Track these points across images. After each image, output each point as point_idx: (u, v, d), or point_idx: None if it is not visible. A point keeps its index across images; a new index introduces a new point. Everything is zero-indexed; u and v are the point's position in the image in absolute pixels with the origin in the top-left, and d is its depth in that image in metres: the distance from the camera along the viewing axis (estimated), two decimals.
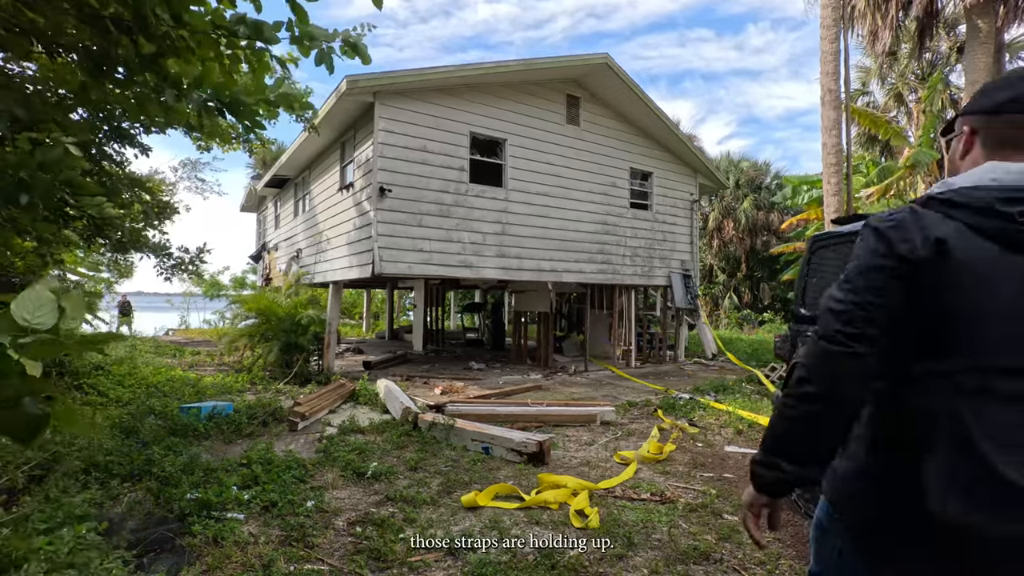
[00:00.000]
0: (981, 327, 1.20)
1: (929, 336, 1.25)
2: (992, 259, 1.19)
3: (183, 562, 3.36)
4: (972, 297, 1.20)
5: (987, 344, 1.20)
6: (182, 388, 8.52)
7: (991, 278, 1.19)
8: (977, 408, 1.19)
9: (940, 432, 1.22)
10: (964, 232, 1.21)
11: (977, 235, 1.21)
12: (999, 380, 1.19)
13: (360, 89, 9.74)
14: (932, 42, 20.00)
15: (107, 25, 2.51)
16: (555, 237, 12.45)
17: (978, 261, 1.20)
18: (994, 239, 1.20)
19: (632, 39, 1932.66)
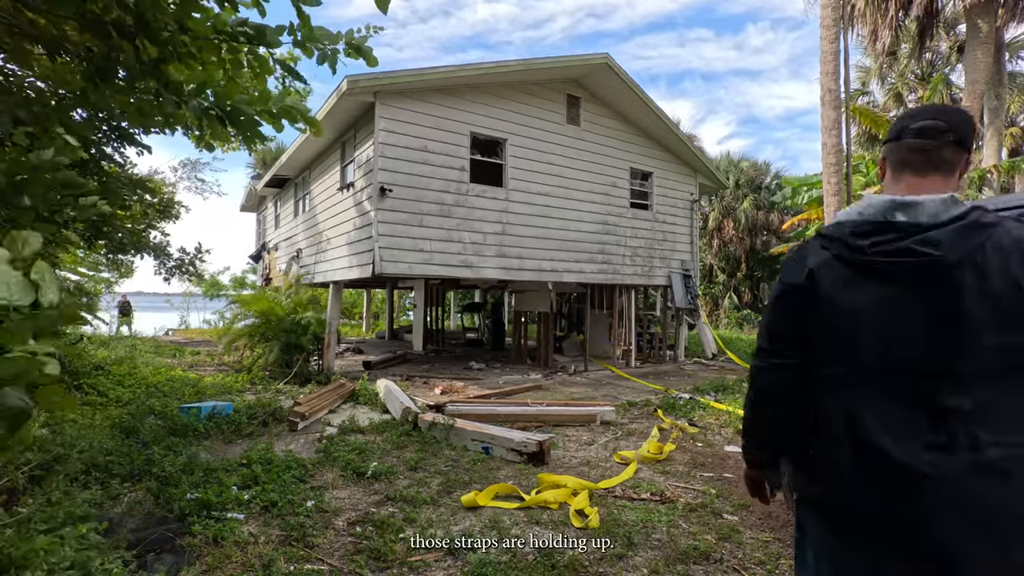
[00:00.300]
0: (847, 341, 1.47)
1: (817, 348, 1.54)
2: (850, 284, 1.46)
3: (183, 562, 3.36)
4: (838, 317, 1.48)
5: (853, 354, 1.46)
6: (182, 388, 8.52)
7: (850, 301, 1.45)
8: (855, 402, 1.46)
9: (836, 424, 1.49)
10: (830, 262, 1.50)
11: (840, 264, 1.48)
12: (866, 380, 1.45)
13: (361, 89, 9.74)
14: (932, 42, 19.99)
15: (109, 30, 2.50)
16: (555, 237, 12.45)
17: (839, 286, 1.47)
18: (851, 267, 1.46)
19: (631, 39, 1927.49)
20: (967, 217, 1.37)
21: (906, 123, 1.53)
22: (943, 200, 1.40)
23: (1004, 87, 18.09)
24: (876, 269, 1.42)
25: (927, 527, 1.33)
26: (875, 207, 1.45)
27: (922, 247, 1.37)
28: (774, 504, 4.44)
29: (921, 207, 1.40)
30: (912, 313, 1.38)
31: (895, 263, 1.40)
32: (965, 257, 1.34)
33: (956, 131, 1.47)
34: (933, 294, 1.36)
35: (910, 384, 1.39)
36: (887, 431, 1.39)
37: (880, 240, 1.42)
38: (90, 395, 7.34)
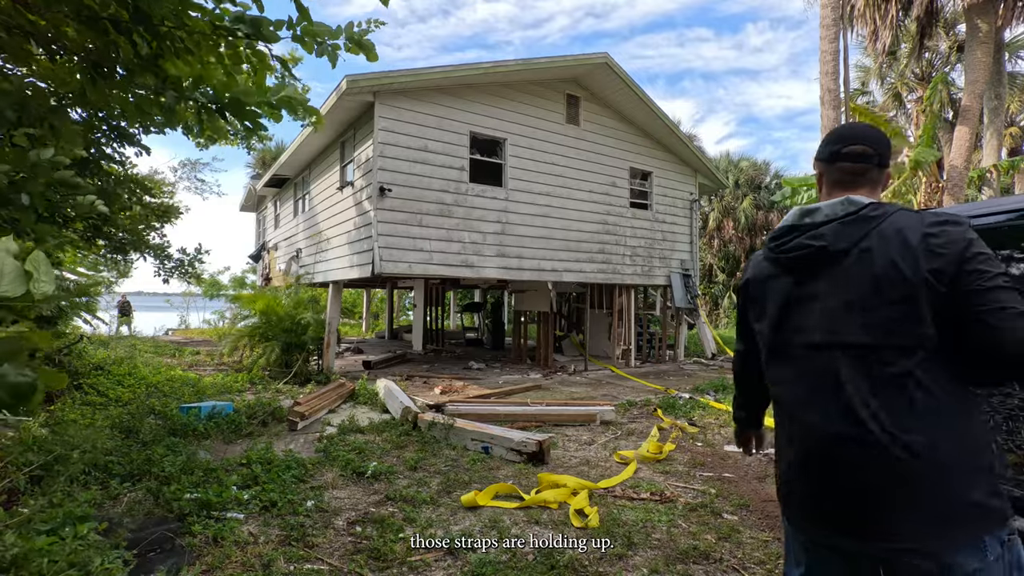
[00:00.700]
0: (766, 322, 1.74)
1: (754, 330, 1.84)
2: (767, 280, 1.74)
3: (183, 562, 3.36)
4: (759, 307, 1.78)
5: (768, 332, 1.73)
6: (182, 388, 8.52)
7: (765, 293, 1.74)
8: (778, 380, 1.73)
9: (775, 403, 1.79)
10: (759, 263, 1.80)
11: (765, 263, 1.77)
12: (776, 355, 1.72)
13: (360, 89, 9.74)
14: (931, 41, 20.00)
15: (106, 26, 2.49)
16: (555, 237, 12.45)
17: (760, 283, 1.77)
18: (770, 264, 1.74)
19: (631, 38, 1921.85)
20: (858, 213, 1.54)
21: (838, 147, 1.70)
22: (840, 202, 1.59)
23: (1004, 87, 18.07)
24: (781, 263, 1.69)
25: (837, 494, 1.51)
26: (789, 216, 1.71)
27: (810, 240, 1.59)
28: (774, 504, 4.45)
29: (820, 210, 1.62)
30: (809, 298, 1.60)
31: (791, 256, 1.64)
32: (851, 246, 1.52)
33: (881, 155, 1.67)
34: (824, 280, 1.56)
35: (814, 361, 1.57)
36: (804, 407, 1.60)
37: (785, 240, 1.67)
38: (90, 395, 7.34)
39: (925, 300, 1.40)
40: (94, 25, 2.47)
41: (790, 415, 1.66)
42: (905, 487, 1.39)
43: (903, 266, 1.42)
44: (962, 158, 14.07)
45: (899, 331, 1.43)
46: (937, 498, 1.36)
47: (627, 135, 14.03)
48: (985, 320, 1.34)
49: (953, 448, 1.38)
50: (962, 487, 1.36)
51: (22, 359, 1.22)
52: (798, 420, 1.61)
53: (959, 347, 1.40)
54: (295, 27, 2.69)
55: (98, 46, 2.59)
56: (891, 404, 1.42)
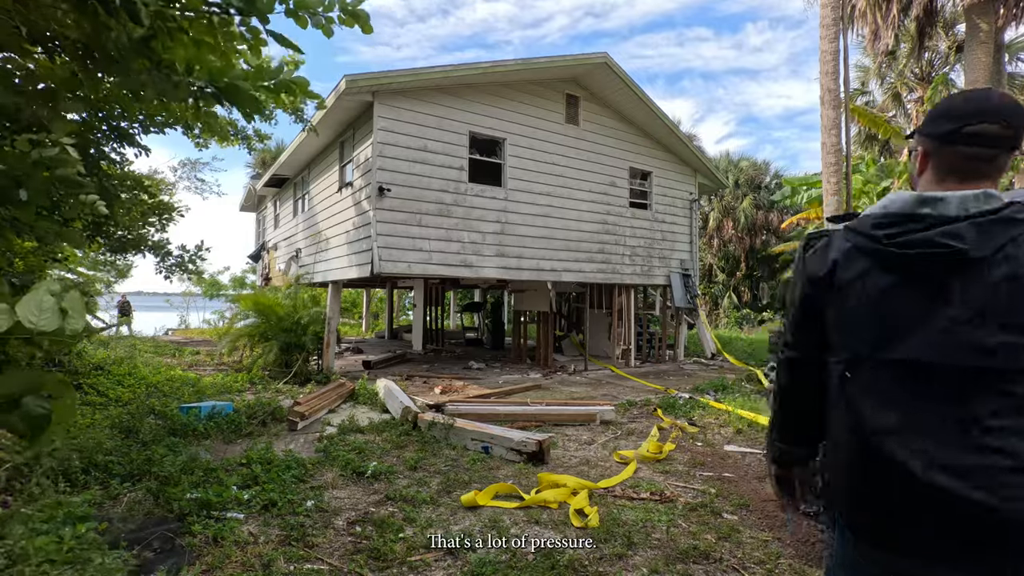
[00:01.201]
0: (858, 328, 1.42)
1: (832, 335, 1.51)
2: (867, 276, 1.40)
3: (183, 562, 3.36)
4: (852, 309, 1.43)
5: (864, 341, 1.41)
6: (182, 388, 8.52)
7: (868, 289, 1.40)
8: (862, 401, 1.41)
9: (841, 424, 1.46)
10: (852, 252, 1.44)
11: (859, 254, 1.43)
12: (869, 371, 1.40)
13: (359, 88, 9.73)
14: (931, 41, 20.01)
15: (94, 7, 2.45)
16: (555, 236, 12.45)
17: (859, 276, 1.42)
18: (869, 257, 1.40)
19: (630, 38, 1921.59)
20: (1001, 212, 1.27)
21: (959, 124, 1.37)
22: (975, 195, 1.30)
23: (1004, 87, 18.08)
24: (893, 260, 1.35)
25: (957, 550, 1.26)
26: (900, 202, 1.38)
27: (944, 239, 1.28)
28: (775, 504, 4.45)
29: (947, 201, 1.32)
30: (929, 306, 1.30)
31: (912, 254, 1.32)
32: (993, 253, 1.25)
33: (1016, 136, 1.36)
34: (950, 289, 1.28)
35: (922, 383, 1.31)
36: (901, 436, 1.32)
37: (899, 231, 1.34)
38: (90, 395, 7.34)
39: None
40: (83, 7, 2.43)
41: (875, 445, 1.35)
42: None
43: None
44: None
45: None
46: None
47: (627, 135, 14.03)
48: None
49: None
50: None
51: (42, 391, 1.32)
52: (887, 451, 1.32)
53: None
54: (287, 1, 2.63)
55: (88, 30, 2.55)
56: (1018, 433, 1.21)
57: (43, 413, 1.28)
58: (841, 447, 1.45)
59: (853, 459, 1.40)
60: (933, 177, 1.44)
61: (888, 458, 1.32)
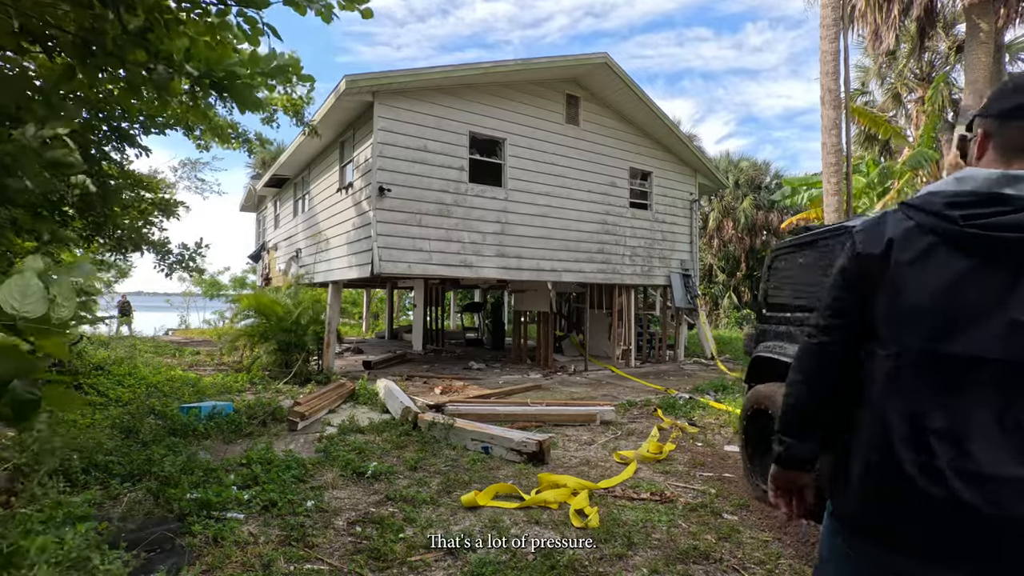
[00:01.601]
0: (915, 316, 1.28)
1: (881, 322, 1.36)
2: (934, 258, 1.26)
3: (183, 562, 3.36)
4: (913, 294, 1.29)
5: (918, 331, 1.28)
6: (182, 388, 8.52)
7: (931, 274, 1.26)
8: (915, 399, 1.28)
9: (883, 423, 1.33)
10: (913, 232, 1.30)
11: (925, 235, 1.28)
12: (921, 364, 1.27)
13: (359, 88, 9.74)
14: (931, 42, 20.00)
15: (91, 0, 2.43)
16: (555, 237, 12.45)
17: (920, 258, 1.28)
18: (939, 238, 1.26)
19: (630, 38, 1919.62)
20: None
21: (1019, 99, 1.31)
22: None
23: None
24: (969, 242, 1.22)
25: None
26: (979, 179, 1.26)
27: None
28: None
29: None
30: (1005, 295, 1.18)
31: (998, 237, 1.19)
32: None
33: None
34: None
35: (991, 380, 1.19)
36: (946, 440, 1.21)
37: (980, 212, 1.22)
38: (90, 395, 7.34)
39: None
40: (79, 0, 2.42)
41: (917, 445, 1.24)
42: None
43: None
44: None
45: None
46: None
47: (627, 135, 14.03)
48: None
49: None
50: None
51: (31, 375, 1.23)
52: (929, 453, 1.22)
53: None
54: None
55: (84, 23, 2.53)
56: None
57: (31, 399, 1.20)
58: (875, 444, 1.33)
59: (886, 459, 1.28)
60: (997, 158, 1.33)
61: (928, 462, 1.21)
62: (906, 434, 1.26)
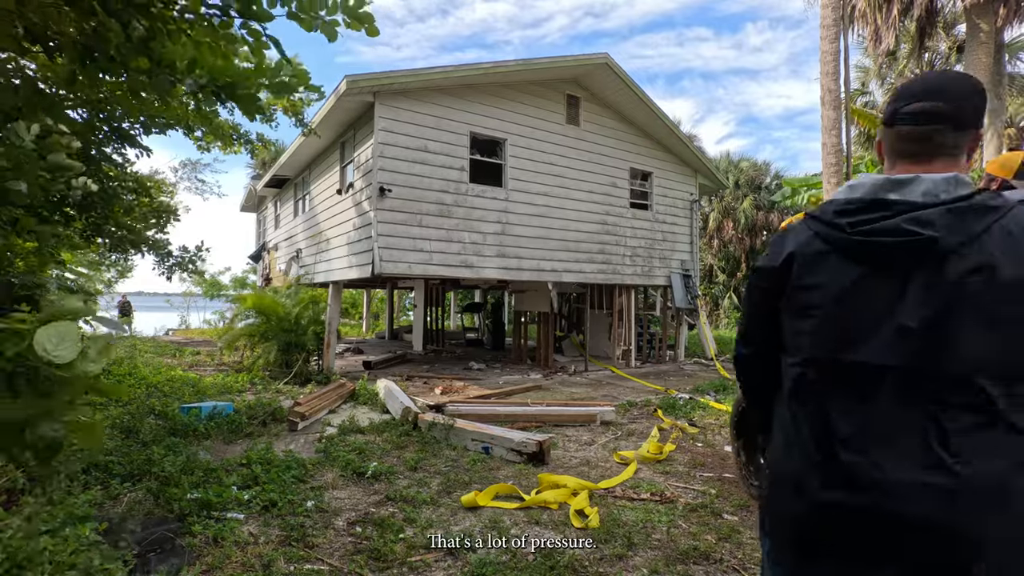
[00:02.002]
0: (816, 326, 1.31)
1: (788, 334, 1.40)
2: (824, 266, 1.30)
3: (183, 562, 3.36)
4: (808, 302, 1.32)
5: (821, 341, 1.30)
6: (182, 388, 8.52)
7: (827, 283, 1.29)
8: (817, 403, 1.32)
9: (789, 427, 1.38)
10: (812, 242, 1.34)
11: (821, 244, 1.32)
12: (826, 374, 1.30)
13: (360, 89, 9.74)
14: (931, 42, 19.99)
15: (92, 6, 2.45)
16: (555, 237, 12.45)
17: (814, 269, 1.32)
18: (830, 246, 1.30)
19: (630, 38, 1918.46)
20: (972, 198, 1.19)
21: (899, 105, 1.35)
22: (945, 179, 1.22)
23: (1004, 87, 18.07)
24: (856, 249, 1.26)
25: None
26: (866, 185, 1.29)
27: (913, 226, 1.19)
28: None
29: (917, 184, 1.24)
30: (894, 302, 1.21)
31: (876, 242, 1.22)
32: (967, 242, 1.16)
33: (957, 115, 1.30)
34: (923, 281, 1.19)
35: (888, 386, 1.21)
36: (861, 443, 1.22)
37: (864, 219, 1.25)
38: (90, 395, 7.32)
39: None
40: (81, 6, 2.43)
41: (830, 451, 1.25)
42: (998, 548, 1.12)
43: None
44: None
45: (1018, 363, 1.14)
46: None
47: (627, 135, 14.03)
48: None
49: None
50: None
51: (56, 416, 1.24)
52: (843, 458, 1.23)
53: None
54: (289, 3, 2.63)
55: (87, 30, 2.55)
56: (989, 450, 1.13)
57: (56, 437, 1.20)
58: (784, 452, 1.37)
59: (795, 467, 1.32)
60: (887, 163, 1.41)
61: (834, 469, 1.24)
62: (813, 442, 1.28)
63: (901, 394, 1.19)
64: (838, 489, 1.23)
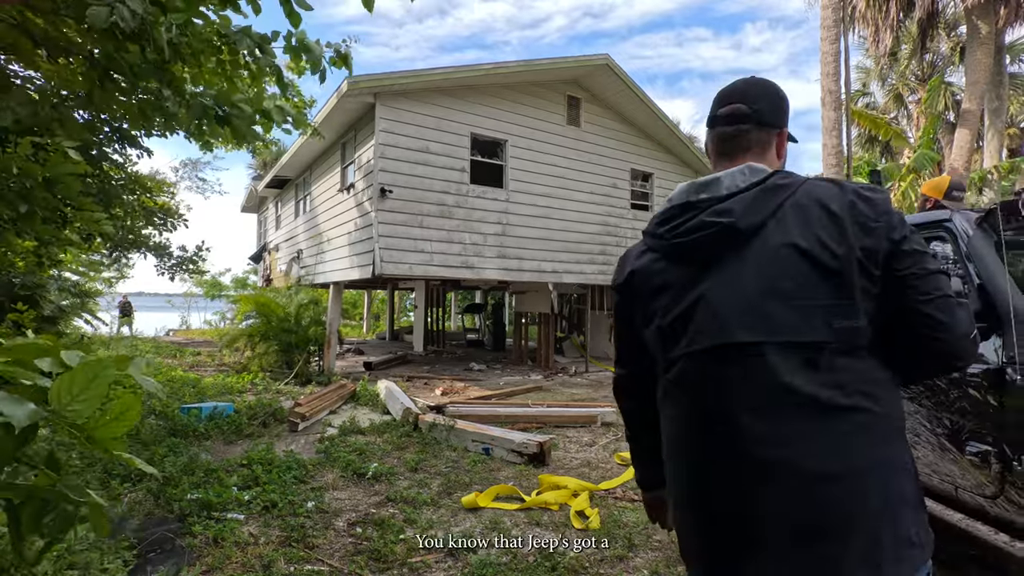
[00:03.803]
0: (662, 331, 1.34)
1: (650, 344, 1.41)
2: (657, 275, 1.35)
3: (183, 562, 3.36)
4: (651, 312, 1.36)
5: (667, 344, 1.33)
6: (183, 388, 8.52)
7: (663, 289, 1.33)
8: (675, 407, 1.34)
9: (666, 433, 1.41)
10: (646, 255, 1.41)
11: (651, 255, 1.39)
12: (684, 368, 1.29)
13: (361, 90, 9.74)
14: (932, 43, 19.99)
15: (115, 32, 2.52)
16: (556, 238, 12.45)
17: (648, 280, 1.37)
18: (659, 256, 1.37)
19: (629, 38, 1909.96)
20: (766, 181, 1.25)
21: (715, 109, 1.45)
22: (740, 170, 1.29)
23: (1004, 88, 18.07)
24: (674, 252, 1.32)
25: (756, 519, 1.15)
26: (679, 192, 1.37)
27: (715, 218, 1.25)
28: None
29: (719, 181, 1.31)
30: (713, 291, 1.24)
31: (689, 241, 1.28)
32: (766, 220, 1.22)
33: (759, 114, 1.39)
34: (730, 266, 1.23)
35: (722, 368, 1.22)
36: (707, 431, 1.24)
37: (679, 222, 1.31)
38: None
39: (857, 285, 1.15)
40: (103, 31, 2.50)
41: (687, 446, 1.30)
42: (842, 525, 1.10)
43: (830, 243, 1.16)
44: (963, 160, 14.07)
45: (829, 324, 1.15)
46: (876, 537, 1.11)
47: (628, 136, 14.03)
48: (929, 312, 1.14)
49: (890, 470, 1.15)
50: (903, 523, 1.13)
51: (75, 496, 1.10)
52: (696, 450, 1.27)
53: (887, 341, 1.19)
54: (291, 39, 2.83)
55: (107, 51, 2.63)
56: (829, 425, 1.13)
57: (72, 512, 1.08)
58: (666, 449, 1.38)
59: (679, 465, 1.33)
60: (712, 163, 1.49)
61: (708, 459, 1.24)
62: (690, 439, 1.29)
63: (739, 369, 1.21)
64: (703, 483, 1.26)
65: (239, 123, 2.99)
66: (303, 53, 2.86)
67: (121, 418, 1.07)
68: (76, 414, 1.01)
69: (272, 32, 2.87)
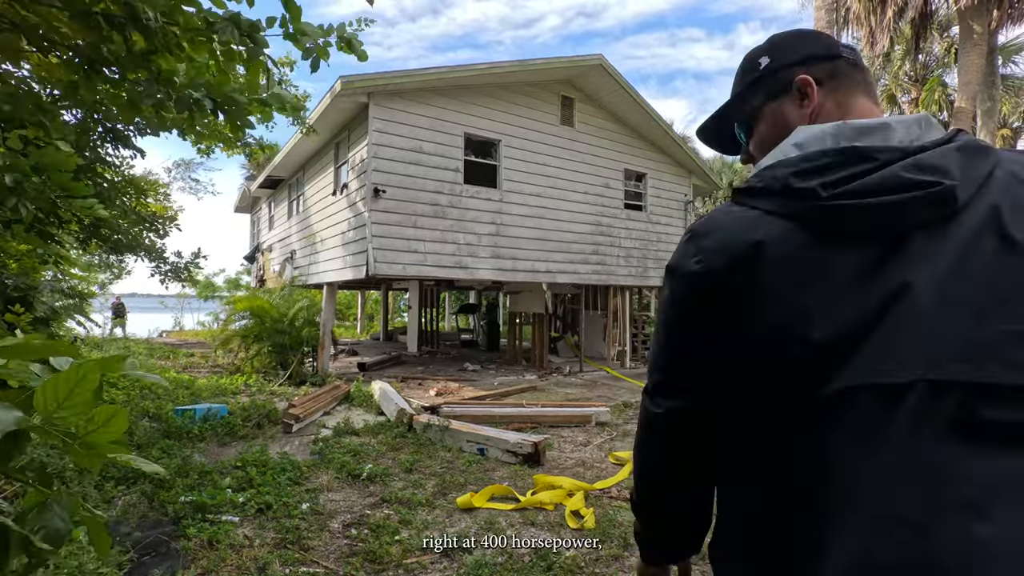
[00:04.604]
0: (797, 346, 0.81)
1: (752, 368, 0.87)
2: (806, 252, 0.83)
3: (178, 565, 3.35)
4: (787, 311, 0.82)
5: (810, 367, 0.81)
6: (176, 390, 8.49)
7: (811, 282, 0.82)
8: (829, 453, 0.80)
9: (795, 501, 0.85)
10: (766, 223, 0.87)
11: (785, 223, 0.85)
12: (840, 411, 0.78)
13: (354, 89, 9.72)
14: (926, 43, 20.09)
15: (98, 21, 2.49)
16: (550, 238, 12.45)
17: (795, 261, 0.83)
18: (797, 225, 0.84)
19: (622, 38, 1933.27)
20: (958, 138, 0.85)
21: (828, 41, 1.06)
22: (916, 120, 0.88)
23: (997, 88, 18.17)
24: (845, 219, 0.82)
25: None
26: (822, 133, 0.90)
27: (923, 175, 0.80)
28: None
29: (890, 128, 0.87)
30: (927, 289, 0.77)
31: (878, 204, 0.80)
32: (976, 194, 0.80)
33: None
34: (942, 252, 0.79)
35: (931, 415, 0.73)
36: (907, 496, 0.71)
37: (847, 174, 0.82)
38: None
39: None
40: (87, 20, 2.47)
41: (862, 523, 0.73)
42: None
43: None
44: None
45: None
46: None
47: (621, 136, 14.05)
48: None
49: None
50: None
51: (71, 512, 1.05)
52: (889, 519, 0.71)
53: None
54: (287, 25, 2.73)
55: (91, 42, 2.60)
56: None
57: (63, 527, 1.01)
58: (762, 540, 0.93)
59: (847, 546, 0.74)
60: (834, 102, 1.01)
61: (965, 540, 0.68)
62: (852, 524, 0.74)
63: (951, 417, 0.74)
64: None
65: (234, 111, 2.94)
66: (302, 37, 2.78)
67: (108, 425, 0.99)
68: (65, 421, 0.93)
69: (269, 18, 2.75)
